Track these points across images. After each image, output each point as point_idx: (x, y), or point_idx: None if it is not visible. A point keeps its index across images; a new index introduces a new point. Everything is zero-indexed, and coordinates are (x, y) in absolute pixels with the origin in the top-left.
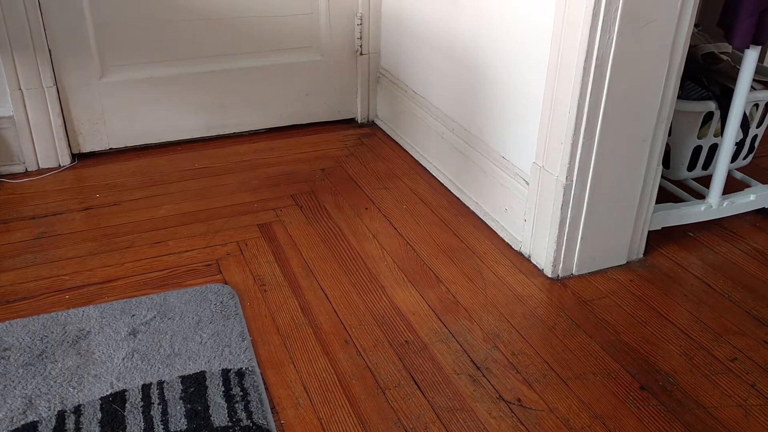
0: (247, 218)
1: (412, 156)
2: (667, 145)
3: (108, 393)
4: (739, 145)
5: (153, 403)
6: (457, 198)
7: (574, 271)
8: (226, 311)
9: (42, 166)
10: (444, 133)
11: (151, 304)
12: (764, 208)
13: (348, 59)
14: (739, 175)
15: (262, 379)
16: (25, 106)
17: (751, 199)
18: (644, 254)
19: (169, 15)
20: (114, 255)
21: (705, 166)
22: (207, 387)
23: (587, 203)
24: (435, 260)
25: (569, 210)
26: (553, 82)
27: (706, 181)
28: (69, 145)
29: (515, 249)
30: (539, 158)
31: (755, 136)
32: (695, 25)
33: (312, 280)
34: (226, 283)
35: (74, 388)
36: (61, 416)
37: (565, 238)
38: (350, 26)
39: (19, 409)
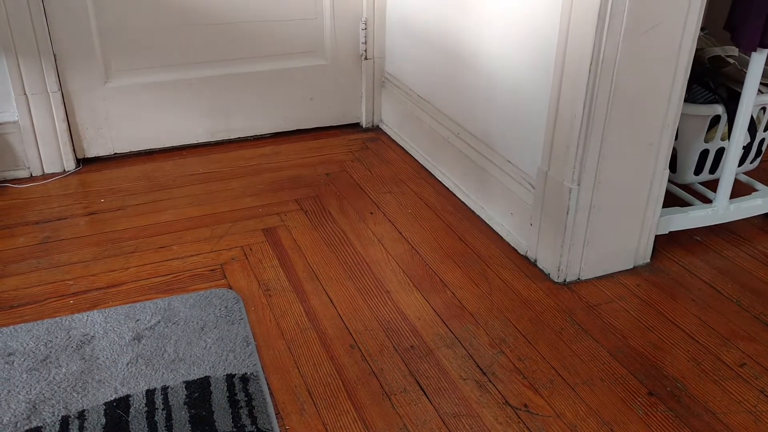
0: (251, 223)
1: (416, 160)
2: (674, 148)
3: (112, 398)
4: (747, 149)
5: (157, 409)
6: (463, 202)
7: (581, 276)
8: (231, 316)
9: (47, 170)
10: (449, 138)
11: (155, 309)
12: None
13: (353, 64)
14: (745, 178)
15: (267, 384)
16: (30, 111)
17: (758, 203)
18: (651, 258)
19: (173, 20)
20: (118, 260)
21: (712, 170)
22: (211, 392)
23: (593, 207)
24: (440, 265)
25: (575, 214)
26: (559, 86)
27: (713, 185)
28: (74, 150)
29: (521, 253)
30: (545, 162)
31: (762, 140)
32: (701, 29)
33: (317, 285)
34: (230, 288)
35: (78, 393)
36: (64, 421)
37: (571, 242)
38: (355, 31)
39: (23, 414)
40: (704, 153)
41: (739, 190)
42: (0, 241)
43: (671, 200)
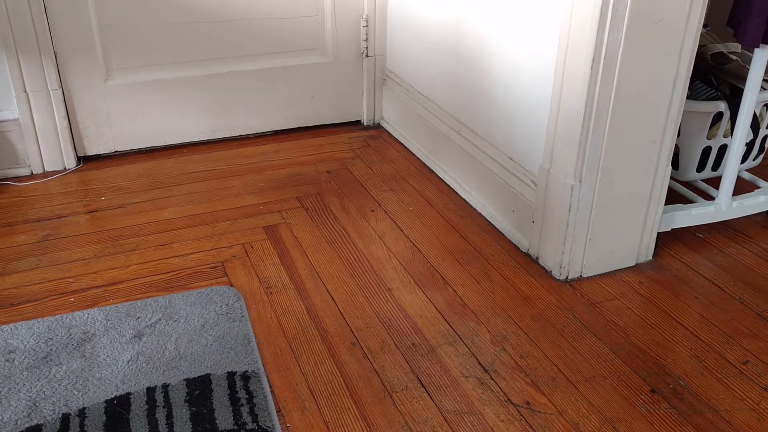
0: (252, 220)
1: (418, 158)
2: (676, 145)
3: (112, 396)
4: (749, 146)
5: (158, 406)
6: (464, 200)
7: (583, 273)
8: (232, 314)
9: (47, 168)
10: (451, 135)
11: (156, 306)
12: None
13: (354, 61)
14: (748, 176)
15: (268, 382)
16: (30, 109)
17: (761, 200)
18: (653, 256)
19: (174, 17)
20: (119, 257)
21: (714, 167)
22: (212, 390)
23: (595, 205)
24: (442, 262)
25: (577, 212)
26: (561, 83)
27: (715, 182)
28: (74, 148)
29: (523, 251)
30: (547, 159)
31: (765, 137)
32: (704, 25)
33: (318, 283)
34: (231, 286)
35: (79, 390)
36: (65, 419)
37: (573, 240)
38: (356, 28)
39: (23, 411)
40: (707, 150)
41: (742, 187)
42: (0, 238)
43: (674, 197)
